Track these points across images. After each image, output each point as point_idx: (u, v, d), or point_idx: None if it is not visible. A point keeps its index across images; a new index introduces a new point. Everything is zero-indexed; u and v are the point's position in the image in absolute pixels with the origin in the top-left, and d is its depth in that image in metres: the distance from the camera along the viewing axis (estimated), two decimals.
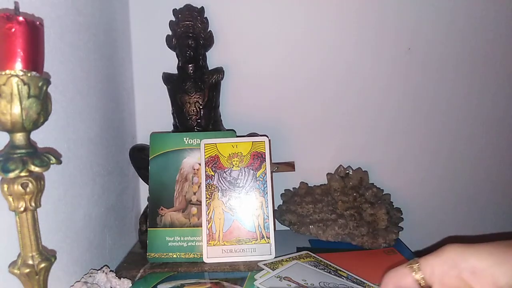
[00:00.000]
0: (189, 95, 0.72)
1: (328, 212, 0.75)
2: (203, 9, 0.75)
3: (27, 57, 0.32)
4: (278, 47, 0.81)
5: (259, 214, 0.64)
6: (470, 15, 0.81)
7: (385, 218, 0.72)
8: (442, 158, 0.85)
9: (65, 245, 0.48)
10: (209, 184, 0.65)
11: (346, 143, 0.84)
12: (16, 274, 0.35)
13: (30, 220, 0.34)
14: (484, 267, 0.28)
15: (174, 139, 0.68)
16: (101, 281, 0.52)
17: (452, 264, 0.29)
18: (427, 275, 0.30)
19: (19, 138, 0.34)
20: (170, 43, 0.75)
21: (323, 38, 0.81)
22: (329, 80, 0.82)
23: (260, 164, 0.66)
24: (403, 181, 0.85)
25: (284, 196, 0.81)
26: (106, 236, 0.62)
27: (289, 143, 0.83)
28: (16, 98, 0.32)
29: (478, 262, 0.28)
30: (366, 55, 0.81)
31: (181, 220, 0.65)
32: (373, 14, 0.80)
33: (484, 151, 0.85)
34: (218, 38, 0.77)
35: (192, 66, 0.72)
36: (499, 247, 0.29)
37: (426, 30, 0.81)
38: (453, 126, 0.84)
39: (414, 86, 0.83)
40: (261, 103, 0.82)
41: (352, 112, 0.83)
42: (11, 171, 0.32)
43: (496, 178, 0.86)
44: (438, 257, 0.30)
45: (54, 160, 0.35)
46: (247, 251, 0.62)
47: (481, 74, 0.83)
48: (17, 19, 0.32)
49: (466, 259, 0.29)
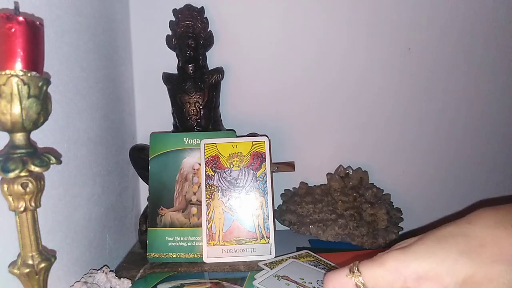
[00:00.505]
0: (189, 95, 0.72)
1: (328, 212, 0.75)
2: (203, 9, 0.75)
3: (27, 57, 0.32)
4: (278, 47, 0.81)
5: (259, 214, 0.64)
6: (467, 15, 0.81)
7: (385, 218, 0.72)
8: (443, 158, 0.85)
9: (65, 245, 0.48)
10: (209, 184, 0.65)
11: (346, 143, 0.84)
12: (16, 274, 0.35)
13: (30, 220, 0.34)
14: (426, 270, 0.26)
15: (174, 139, 0.68)
16: (101, 281, 0.52)
17: (396, 275, 0.27)
18: (370, 285, 0.28)
19: (19, 138, 0.34)
20: (170, 43, 0.75)
21: (323, 38, 0.81)
22: (329, 80, 0.82)
23: (260, 164, 0.66)
24: (403, 181, 0.85)
25: (284, 196, 0.81)
26: (106, 236, 0.62)
27: (289, 143, 0.83)
28: (16, 98, 0.32)
29: (420, 266, 0.27)
30: (367, 55, 0.81)
31: (181, 220, 0.65)
32: (373, 14, 0.80)
33: (486, 151, 0.85)
34: (218, 38, 0.77)
35: (192, 66, 0.72)
36: (439, 243, 0.27)
37: (425, 29, 0.81)
38: (454, 126, 0.84)
39: (414, 86, 0.83)
40: (261, 103, 0.82)
41: (352, 112, 0.83)
42: (11, 171, 0.32)
43: (497, 178, 0.86)
44: (380, 267, 0.28)
45: (54, 160, 0.35)
46: (247, 251, 0.62)
47: (482, 73, 0.83)
48: (17, 19, 0.32)
49: (407, 266, 0.27)
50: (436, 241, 0.28)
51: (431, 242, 0.28)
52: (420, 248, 0.28)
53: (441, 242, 0.27)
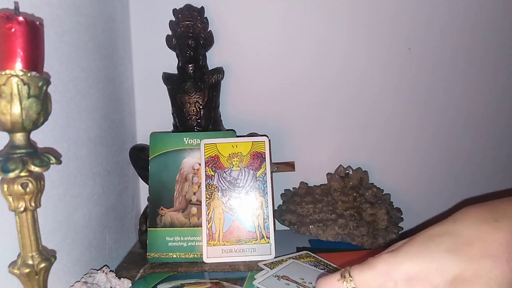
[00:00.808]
0: (189, 95, 0.72)
1: (328, 212, 0.75)
2: (203, 9, 0.75)
3: (27, 57, 0.32)
4: (278, 47, 0.81)
5: (259, 214, 0.64)
6: (467, 15, 0.81)
7: (385, 218, 0.72)
8: (443, 158, 0.85)
9: (65, 245, 0.48)
10: (209, 184, 0.65)
11: (346, 143, 0.84)
12: (16, 274, 0.35)
13: (30, 220, 0.34)
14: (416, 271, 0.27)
15: (174, 139, 0.68)
16: (101, 281, 0.52)
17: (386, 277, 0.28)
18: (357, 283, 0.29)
19: (19, 138, 0.34)
20: (170, 43, 0.75)
21: (323, 38, 0.81)
22: (329, 80, 0.82)
23: (260, 164, 0.66)
24: (403, 181, 0.85)
25: (284, 196, 0.81)
26: (106, 236, 0.62)
27: (289, 143, 0.83)
28: (16, 98, 0.32)
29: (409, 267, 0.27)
30: (367, 55, 0.81)
31: (181, 220, 0.65)
32: (373, 14, 0.80)
33: (486, 151, 0.85)
34: (218, 38, 0.77)
35: (192, 66, 0.72)
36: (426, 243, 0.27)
37: (425, 29, 0.81)
38: (454, 126, 0.84)
39: (414, 86, 0.83)
40: (261, 103, 0.82)
41: (352, 112, 0.83)
42: (11, 171, 0.32)
43: (497, 178, 0.86)
44: (371, 270, 0.28)
45: (54, 160, 0.35)
46: (247, 251, 0.62)
47: (482, 73, 0.83)
48: (17, 19, 0.32)
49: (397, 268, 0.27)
50: (423, 242, 0.28)
51: (419, 243, 0.28)
52: (408, 249, 0.28)
53: (428, 243, 0.28)
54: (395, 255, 0.28)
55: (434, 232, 0.28)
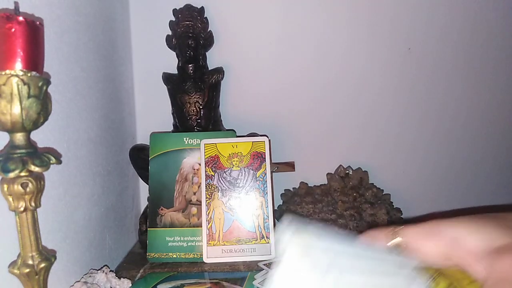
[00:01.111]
0: (189, 95, 0.72)
1: (328, 212, 0.75)
2: (203, 9, 0.75)
3: (27, 57, 0.32)
4: (278, 47, 0.81)
5: (259, 214, 0.64)
6: (467, 15, 0.81)
7: (385, 218, 0.72)
8: (443, 158, 0.85)
9: (65, 245, 0.48)
10: (209, 184, 0.65)
11: (346, 143, 0.84)
12: (16, 274, 0.35)
13: (30, 220, 0.34)
14: (460, 236, 0.28)
15: (174, 139, 0.68)
16: (101, 281, 0.52)
17: (431, 232, 0.30)
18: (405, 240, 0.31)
19: (19, 138, 0.34)
20: (170, 43, 0.75)
21: (323, 38, 0.81)
22: (329, 80, 0.82)
23: (260, 164, 0.66)
24: (403, 181, 0.85)
25: (284, 196, 0.81)
26: (106, 236, 0.62)
27: (289, 143, 0.83)
28: (16, 98, 0.32)
29: (455, 231, 0.29)
30: (367, 55, 0.81)
31: (181, 220, 0.65)
32: (373, 14, 0.80)
33: (486, 151, 0.85)
34: (218, 38, 0.77)
35: (192, 66, 0.72)
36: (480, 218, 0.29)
37: (425, 29, 0.81)
38: (454, 127, 0.84)
39: (414, 86, 0.83)
40: (261, 103, 0.82)
41: (352, 112, 0.83)
42: (11, 171, 0.32)
43: (497, 177, 0.86)
44: (419, 226, 0.31)
45: (54, 160, 0.35)
46: (247, 251, 0.62)
47: (482, 73, 0.83)
48: (17, 19, 0.32)
49: (445, 229, 0.29)
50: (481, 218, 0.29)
51: (475, 217, 0.29)
52: (462, 218, 0.29)
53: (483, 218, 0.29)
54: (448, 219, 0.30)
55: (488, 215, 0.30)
